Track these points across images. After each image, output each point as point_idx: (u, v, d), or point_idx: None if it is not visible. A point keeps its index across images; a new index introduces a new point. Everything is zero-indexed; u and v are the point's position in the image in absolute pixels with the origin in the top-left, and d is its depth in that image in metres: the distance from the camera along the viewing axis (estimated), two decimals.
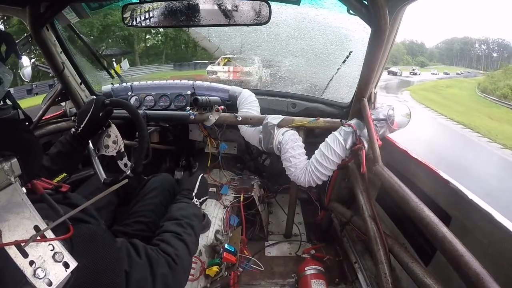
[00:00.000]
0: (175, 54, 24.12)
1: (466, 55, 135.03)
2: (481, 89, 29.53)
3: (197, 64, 19.47)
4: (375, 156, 1.11)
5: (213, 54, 9.61)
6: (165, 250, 0.73)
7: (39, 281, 0.42)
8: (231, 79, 7.56)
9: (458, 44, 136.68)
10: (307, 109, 1.63)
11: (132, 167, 1.04)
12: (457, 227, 0.85)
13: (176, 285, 0.73)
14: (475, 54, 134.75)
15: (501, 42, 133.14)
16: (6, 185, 0.46)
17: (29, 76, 1.39)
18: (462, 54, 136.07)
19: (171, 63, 21.53)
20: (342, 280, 1.32)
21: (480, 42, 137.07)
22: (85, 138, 1.04)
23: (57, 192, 0.67)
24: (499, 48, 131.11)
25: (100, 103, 1.02)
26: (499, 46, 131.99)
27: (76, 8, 1.31)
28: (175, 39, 23.60)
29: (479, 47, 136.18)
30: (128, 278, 0.58)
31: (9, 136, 0.52)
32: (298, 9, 1.56)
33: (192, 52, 24.33)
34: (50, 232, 0.46)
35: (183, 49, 24.84)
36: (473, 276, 0.60)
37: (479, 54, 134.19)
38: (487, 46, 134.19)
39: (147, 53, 23.57)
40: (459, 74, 64.94)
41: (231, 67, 8.11)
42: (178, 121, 1.72)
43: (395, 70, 42.66)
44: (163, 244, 0.75)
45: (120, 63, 2.38)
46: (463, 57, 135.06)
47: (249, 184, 1.64)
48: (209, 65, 9.53)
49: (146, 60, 22.47)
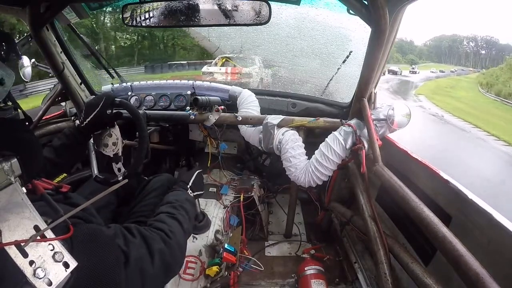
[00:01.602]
0: (151, 54, 21.81)
1: (455, 53, 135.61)
2: (485, 88, 29.07)
3: (173, 65, 17.93)
4: (375, 156, 1.11)
5: (213, 54, 9.50)
6: (158, 227, 0.73)
7: (39, 281, 0.42)
8: (228, 80, 7.26)
9: (446, 41, 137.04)
10: (307, 109, 1.63)
11: (125, 174, 1.02)
12: (457, 227, 0.85)
13: (174, 262, 0.72)
14: (463, 51, 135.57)
15: (489, 39, 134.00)
16: (6, 185, 0.46)
17: (29, 76, 1.39)
18: (450, 51, 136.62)
19: (144, 64, 18.76)
20: (342, 280, 1.32)
21: (469, 40, 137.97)
22: (88, 133, 1.02)
23: (58, 192, 0.67)
24: (487, 46, 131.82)
25: (109, 101, 1.00)
26: (487, 43, 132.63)
27: (76, 8, 1.31)
28: (150, 38, 21.47)
29: (467, 45, 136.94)
30: (127, 257, 0.58)
31: (9, 136, 0.52)
32: (298, 9, 1.55)
33: (170, 52, 22.27)
34: (50, 232, 0.46)
35: (160, 49, 22.68)
36: (473, 276, 0.60)
37: (467, 51, 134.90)
38: (476, 44, 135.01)
39: (116, 55, 20.64)
40: (453, 72, 65.63)
41: (229, 68, 7.78)
42: (178, 121, 1.72)
43: (395, 69, 40.51)
44: (156, 223, 0.75)
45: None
46: (451, 55, 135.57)
47: (249, 184, 1.64)
48: (205, 65, 9.06)
49: (115, 63, 18.79)
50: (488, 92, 27.54)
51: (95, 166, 1.10)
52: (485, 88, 29.81)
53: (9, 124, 0.55)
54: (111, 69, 1.87)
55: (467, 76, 57.92)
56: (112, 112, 1.01)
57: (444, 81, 37.77)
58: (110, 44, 20.23)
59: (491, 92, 27.05)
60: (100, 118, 1.00)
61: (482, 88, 30.08)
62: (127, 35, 19.81)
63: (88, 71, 1.71)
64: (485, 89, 29.31)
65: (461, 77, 51.12)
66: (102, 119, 1.00)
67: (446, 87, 29.57)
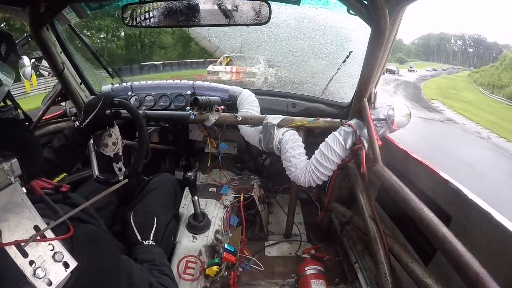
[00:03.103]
0: (126, 54, 20.07)
1: (443, 51, 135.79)
2: (487, 89, 28.27)
3: (145, 67, 16.23)
4: (375, 156, 1.11)
5: (213, 54, 9.50)
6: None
7: (39, 281, 0.42)
8: (233, 79, 7.30)
9: (434, 40, 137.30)
10: (307, 109, 1.63)
11: (126, 173, 1.02)
12: (457, 227, 0.85)
13: None
14: (451, 49, 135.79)
15: (477, 37, 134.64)
16: (6, 185, 0.46)
17: (30, 76, 1.39)
18: (438, 50, 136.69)
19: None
20: (342, 280, 1.32)
21: (456, 38, 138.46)
22: (87, 133, 1.02)
23: (57, 192, 0.67)
24: (475, 44, 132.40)
25: (108, 101, 1.00)
26: (475, 41, 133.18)
27: (76, 8, 1.31)
28: (125, 37, 19.24)
29: (455, 43, 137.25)
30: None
31: (9, 136, 0.52)
32: (298, 9, 1.55)
33: (148, 51, 20.26)
34: (50, 232, 0.46)
35: (137, 49, 20.90)
36: (473, 276, 0.60)
37: (455, 49, 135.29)
38: (463, 42, 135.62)
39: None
40: (445, 70, 66.15)
41: (234, 67, 7.81)
42: (178, 121, 1.72)
43: (393, 68, 40.23)
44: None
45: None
46: (439, 53, 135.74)
47: (249, 184, 1.64)
48: (210, 64, 9.10)
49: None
50: (494, 93, 26.75)
51: (95, 167, 1.10)
52: (488, 88, 29.25)
53: (9, 124, 0.55)
54: (111, 69, 1.86)
55: (458, 74, 58.02)
56: (111, 112, 1.01)
57: (442, 81, 37.43)
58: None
59: (499, 95, 26.20)
60: (99, 119, 0.99)
61: (485, 89, 29.56)
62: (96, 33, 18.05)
63: (88, 71, 1.70)
64: (488, 90, 28.71)
65: (452, 76, 50.92)
66: (101, 119, 1.00)
67: (447, 88, 28.91)
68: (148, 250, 0.95)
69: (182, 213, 1.40)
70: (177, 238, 1.27)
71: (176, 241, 1.26)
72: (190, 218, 1.33)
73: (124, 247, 0.97)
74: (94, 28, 18.27)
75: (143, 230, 1.01)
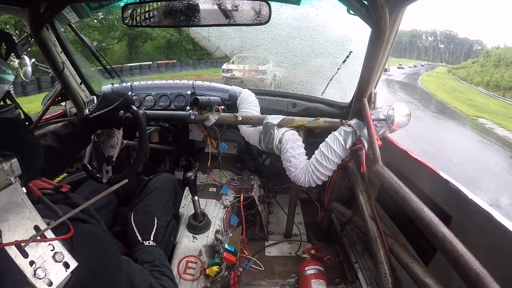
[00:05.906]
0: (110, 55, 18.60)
1: (415, 47, 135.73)
2: (489, 89, 26.58)
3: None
4: (375, 156, 1.11)
5: (213, 54, 9.70)
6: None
7: (39, 281, 0.42)
8: (246, 77, 7.77)
9: (407, 36, 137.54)
10: (307, 109, 1.63)
11: (110, 180, 1.01)
12: (457, 227, 0.85)
13: None
14: (422, 46, 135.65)
15: (448, 33, 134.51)
16: (6, 185, 0.46)
17: (30, 76, 1.39)
18: (411, 46, 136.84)
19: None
20: (342, 280, 1.32)
21: (428, 34, 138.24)
22: (94, 126, 0.98)
23: (58, 192, 0.67)
24: (446, 40, 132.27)
25: (126, 104, 0.96)
26: (446, 37, 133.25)
27: (76, 8, 1.31)
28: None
29: (427, 39, 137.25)
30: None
31: (9, 136, 0.52)
32: (298, 9, 1.56)
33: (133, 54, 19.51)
34: (50, 232, 0.46)
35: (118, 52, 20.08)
36: (473, 276, 0.60)
37: (426, 46, 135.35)
38: (435, 38, 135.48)
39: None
40: (423, 66, 65.77)
41: (247, 66, 8.27)
42: (178, 121, 1.72)
43: (385, 66, 41.45)
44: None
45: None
46: (412, 49, 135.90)
47: (249, 184, 1.63)
48: (225, 63, 10.09)
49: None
50: (505, 96, 24.06)
51: (87, 154, 1.08)
52: (489, 89, 27.79)
53: (9, 124, 0.55)
54: (111, 68, 1.86)
55: (436, 70, 57.43)
56: (124, 116, 0.97)
57: (440, 81, 36.02)
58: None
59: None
60: (111, 117, 0.96)
61: (485, 89, 28.22)
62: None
63: (88, 71, 1.70)
64: (489, 90, 27.23)
65: (431, 72, 50.07)
66: (112, 118, 0.96)
67: (453, 91, 26.43)
68: (148, 251, 0.95)
69: (182, 213, 1.40)
70: (177, 238, 1.27)
71: (176, 241, 1.26)
72: (190, 218, 1.33)
73: (124, 248, 0.97)
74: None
75: (143, 230, 1.01)
